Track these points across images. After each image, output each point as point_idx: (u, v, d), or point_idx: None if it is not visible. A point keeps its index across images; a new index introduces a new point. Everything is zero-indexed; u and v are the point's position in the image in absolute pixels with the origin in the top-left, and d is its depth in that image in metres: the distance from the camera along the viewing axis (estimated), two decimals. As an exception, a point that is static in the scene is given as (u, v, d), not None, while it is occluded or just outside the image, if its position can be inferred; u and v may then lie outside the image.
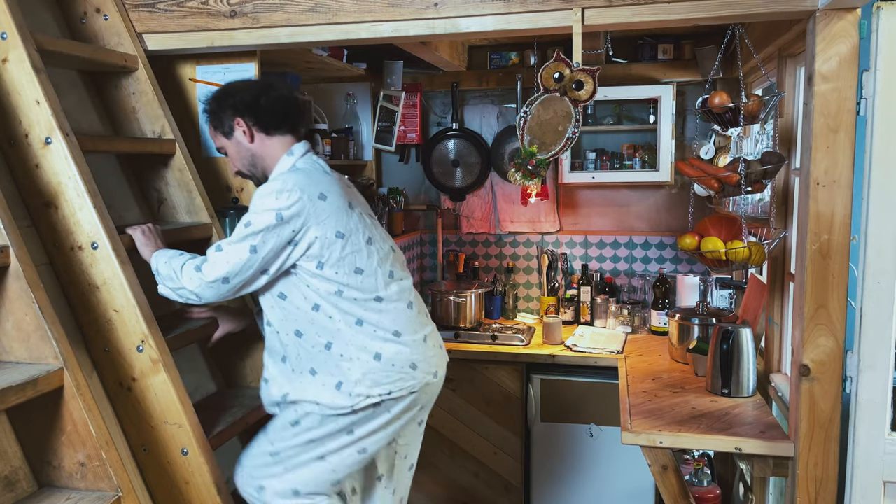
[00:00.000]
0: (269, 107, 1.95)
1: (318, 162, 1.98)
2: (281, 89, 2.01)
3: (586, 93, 2.10)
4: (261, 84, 2.03)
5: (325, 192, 1.85)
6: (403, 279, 2.01)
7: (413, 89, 3.68)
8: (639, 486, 3.10)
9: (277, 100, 1.97)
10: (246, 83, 2.04)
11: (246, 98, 1.95)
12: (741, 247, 2.35)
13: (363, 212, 1.97)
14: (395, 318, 1.93)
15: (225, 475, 1.90)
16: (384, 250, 1.97)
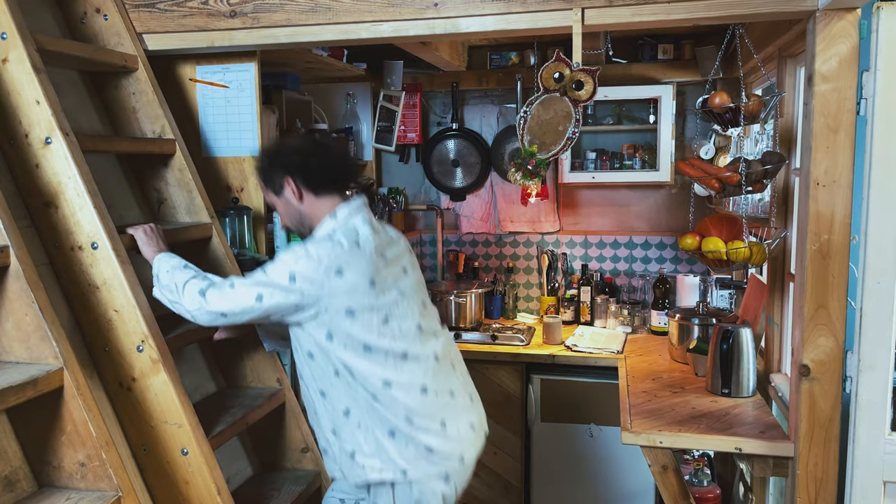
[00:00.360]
0: (319, 169, 1.89)
1: (360, 229, 1.86)
2: (334, 151, 1.98)
3: (586, 93, 2.10)
4: (313, 144, 1.98)
5: (343, 267, 1.77)
6: (421, 358, 1.86)
7: (413, 89, 3.68)
8: (639, 486, 3.10)
9: (329, 162, 1.91)
10: (299, 142, 2.00)
11: (297, 159, 1.90)
12: (742, 247, 2.35)
13: (391, 287, 1.85)
14: (407, 403, 1.82)
15: (225, 475, 1.90)
16: (404, 329, 1.84)
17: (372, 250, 1.83)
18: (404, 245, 2.00)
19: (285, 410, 2.33)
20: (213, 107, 2.49)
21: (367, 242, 1.84)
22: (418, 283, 1.98)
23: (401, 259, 1.93)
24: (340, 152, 2.02)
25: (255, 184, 2.49)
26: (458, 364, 2.01)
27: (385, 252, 1.88)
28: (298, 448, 2.36)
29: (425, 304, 1.97)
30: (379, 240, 1.88)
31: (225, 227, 2.38)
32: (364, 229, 1.87)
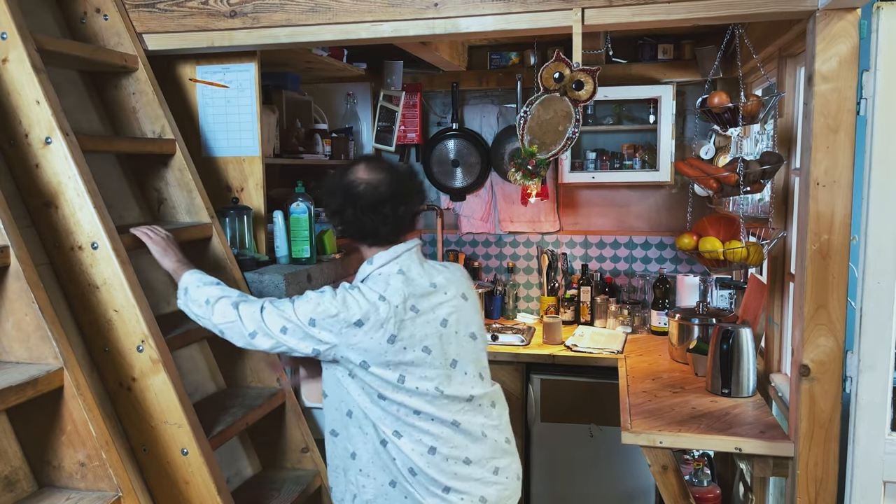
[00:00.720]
0: (351, 220, 1.80)
1: (391, 280, 1.76)
2: (373, 197, 1.77)
3: (586, 93, 2.10)
4: (349, 189, 1.80)
5: (363, 320, 1.71)
6: (436, 419, 1.76)
7: (413, 89, 3.68)
8: (639, 486, 3.10)
9: (365, 212, 1.77)
10: (340, 183, 1.83)
11: (332, 204, 1.84)
12: (739, 247, 2.35)
13: (416, 345, 1.74)
14: (413, 458, 1.75)
15: (225, 475, 1.89)
16: (421, 390, 1.74)
17: (399, 303, 1.72)
18: (453, 292, 1.82)
19: (285, 410, 2.33)
20: (213, 107, 2.49)
21: (395, 294, 1.73)
22: (458, 336, 1.81)
23: (439, 309, 1.78)
24: (384, 197, 1.76)
25: (255, 184, 2.50)
26: (491, 433, 1.84)
27: (418, 304, 1.75)
28: (298, 448, 2.36)
29: (456, 363, 1.79)
30: (411, 290, 1.76)
31: (225, 227, 2.38)
32: (396, 280, 1.76)
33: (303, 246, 2.50)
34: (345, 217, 1.81)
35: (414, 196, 1.83)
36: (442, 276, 1.83)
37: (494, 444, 1.84)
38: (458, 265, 1.96)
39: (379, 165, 1.82)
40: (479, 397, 1.83)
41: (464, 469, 1.78)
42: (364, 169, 1.80)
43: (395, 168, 1.83)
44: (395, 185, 1.78)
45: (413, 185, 1.84)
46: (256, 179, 2.49)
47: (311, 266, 2.50)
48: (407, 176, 1.84)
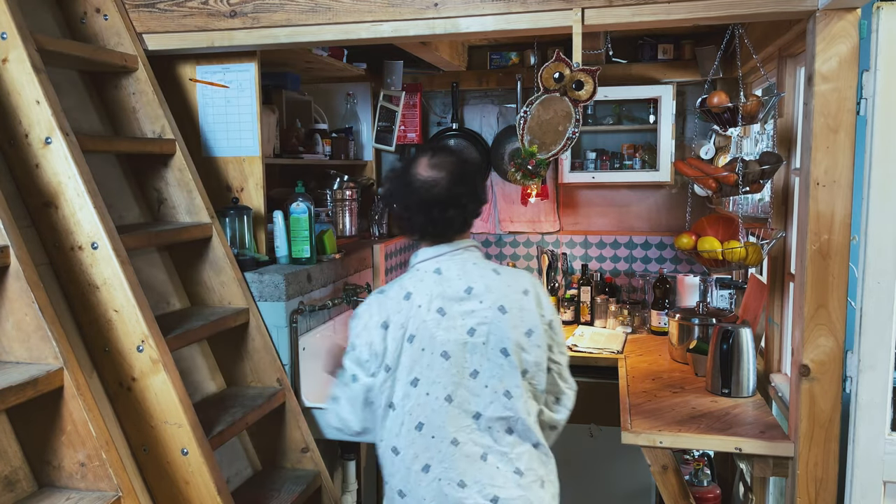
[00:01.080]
0: (400, 214, 1.75)
1: (425, 277, 1.71)
2: (418, 194, 1.69)
3: (586, 93, 2.10)
4: (400, 184, 1.74)
5: (388, 321, 1.69)
6: (436, 436, 1.66)
7: (413, 89, 3.68)
8: (639, 486, 3.10)
9: (412, 212, 1.72)
10: (392, 177, 1.78)
11: (386, 193, 1.79)
12: (737, 247, 2.35)
13: (436, 348, 1.67)
14: (404, 477, 1.70)
15: (225, 475, 1.90)
16: (430, 396, 1.67)
17: (425, 302, 1.67)
18: (489, 302, 1.68)
19: (285, 410, 2.33)
20: (213, 107, 2.49)
21: (420, 293, 1.69)
22: (485, 347, 1.67)
23: (469, 317, 1.68)
24: (438, 199, 1.68)
25: (255, 184, 2.50)
26: (495, 459, 1.68)
27: (447, 306, 1.68)
28: (298, 448, 2.36)
29: (477, 374, 1.67)
30: (441, 290, 1.69)
31: (225, 227, 2.38)
32: (429, 279, 1.71)
33: (303, 246, 2.50)
34: (394, 209, 1.77)
35: (470, 200, 1.72)
36: (483, 283, 1.70)
37: (496, 470, 1.67)
38: (523, 276, 1.76)
39: (441, 162, 1.70)
40: (490, 419, 1.67)
41: (456, 492, 1.66)
42: (425, 164, 1.71)
43: (456, 168, 1.70)
44: (452, 186, 1.68)
45: (471, 189, 1.72)
46: (256, 179, 2.49)
47: (311, 266, 2.50)
48: (468, 177, 1.72)
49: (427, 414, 1.66)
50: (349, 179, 3.15)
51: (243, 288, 2.31)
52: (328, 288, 2.62)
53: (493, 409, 1.67)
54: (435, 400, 1.67)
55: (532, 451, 1.71)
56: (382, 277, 3.10)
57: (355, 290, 2.74)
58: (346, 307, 2.78)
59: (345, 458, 2.66)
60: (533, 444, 1.71)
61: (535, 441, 1.72)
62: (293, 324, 2.36)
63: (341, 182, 3.09)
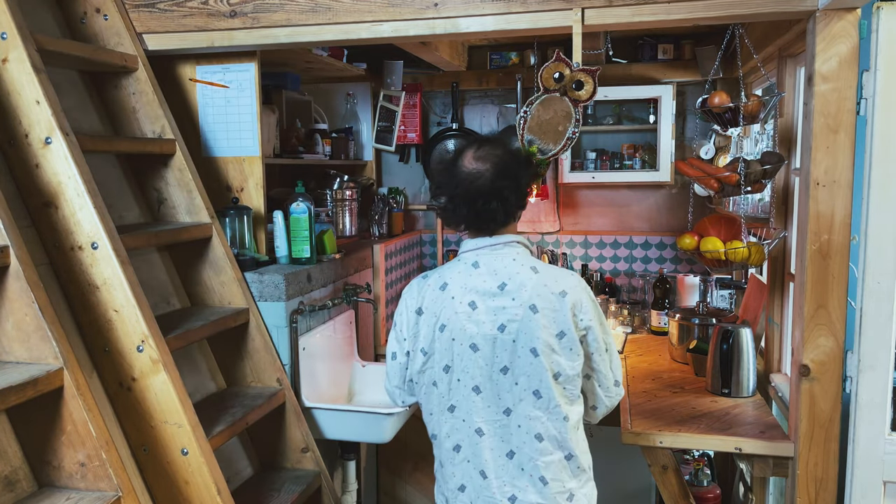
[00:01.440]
0: (445, 205, 1.75)
1: (461, 267, 1.74)
2: (462, 186, 1.70)
3: (586, 93, 2.10)
4: (448, 178, 1.74)
5: (423, 308, 1.74)
6: (466, 420, 1.70)
7: (413, 89, 3.68)
8: (639, 486, 3.10)
9: (448, 202, 1.74)
10: (445, 166, 1.77)
11: (433, 183, 1.83)
12: (740, 247, 2.35)
13: (462, 338, 1.70)
14: (442, 451, 1.77)
15: (225, 475, 1.90)
16: (461, 383, 1.71)
17: (458, 294, 1.70)
18: (522, 300, 1.66)
19: (285, 410, 2.33)
20: (213, 107, 2.49)
21: (455, 284, 1.72)
22: (515, 345, 1.66)
23: (501, 313, 1.67)
24: (481, 191, 1.68)
25: (255, 184, 2.50)
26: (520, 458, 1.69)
27: (479, 301, 1.69)
28: (298, 448, 2.36)
29: (507, 370, 1.67)
30: (476, 283, 1.70)
31: (225, 227, 2.38)
32: (466, 271, 1.72)
33: (303, 246, 2.50)
34: (440, 200, 1.77)
35: (512, 192, 1.70)
36: (517, 281, 1.68)
37: (520, 472, 1.69)
38: (567, 277, 1.71)
39: (487, 154, 1.70)
40: (521, 417, 1.67)
41: (478, 479, 1.70)
42: (471, 156, 1.71)
43: (501, 160, 1.69)
44: (496, 179, 1.67)
45: (514, 182, 1.70)
46: (256, 179, 2.49)
47: (311, 266, 2.50)
48: (512, 169, 1.70)
49: (458, 399, 1.71)
50: (349, 179, 3.15)
51: (243, 288, 2.31)
52: (328, 288, 2.62)
53: (523, 408, 1.67)
54: (464, 387, 1.70)
55: (562, 462, 1.69)
56: (382, 277, 3.11)
57: (355, 290, 2.74)
58: (346, 307, 2.78)
59: (345, 458, 2.66)
60: (565, 455, 1.69)
61: (569, 453, 1.69)
62: (293, 324, 2.36)
63: (341, 182, 3.09)
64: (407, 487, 3.30)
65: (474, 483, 1.71)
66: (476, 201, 1.68)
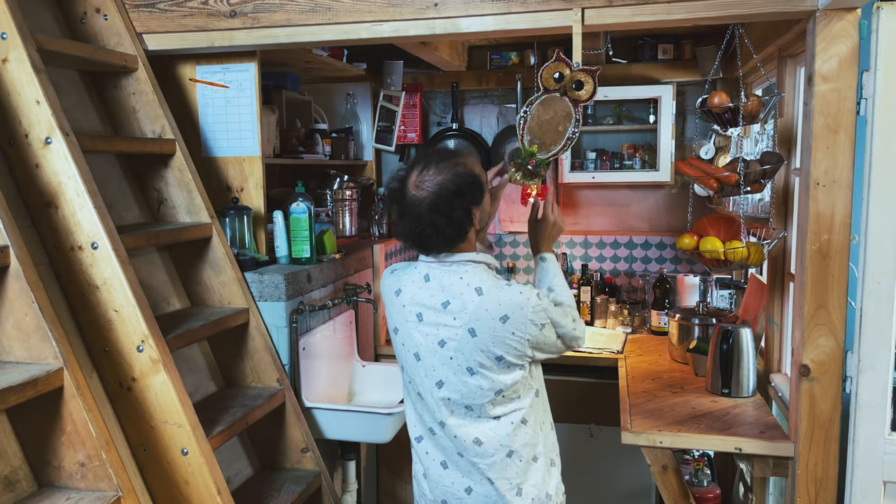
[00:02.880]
0: (393, 221, 1.87)
1: (417, 280, 1.77)
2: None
3: (586, 93, 2.10)
4: (391, 199, 1.76)
5: (386, 304, 1.87)
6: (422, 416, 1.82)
7: (413, 89, 3.68)
8: (639, 486, 3.10)
9: (397, 218, 1.76)
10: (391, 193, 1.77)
11: (386, 198, 1.88)
12: (740, 247, 2.35)
13: (409, 347, 1.78)
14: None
15: (225, 475, 1.90)
16: (411, 384, 1.82)
17: (408, 303, 1.75)
18: (462, 322, 1.67)
19: (285, 410, 2.33)
20: (213, 107, 2.49)
21: (407, 293, 1.77)
22: (452, 361, 1.70)
23: (442, 329, 1.70)
24: (412, 211, 1.68)
25: (255, 184, 2.50)
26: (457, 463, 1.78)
27: (424, 314, 1.73)
28: (298, 448, 2.36)
29: (442, 385, 1.73)
30: (423, 296, 1.73)
31: (225, 227, 2.38)
32: (418, 281, 1.76)
33: (303, 246, 2.50)
34: (392, 215, 1.83)
35: (448, 224, 1.67)
36: (460, 302, 1.68)
37: (468, 470, 1.76)
38: (512, 298, 1.67)
39: (429, 180, 1.67)
40: (455, 427, 1.74)
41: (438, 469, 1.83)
42: (414, 181, 1.69)
43: (442, 187, 1.65)
44: (430, 211, 1.66)
45: (450, 214, 1.66)
46: (256, 179, 2.49)
47: (311, 266, 2.50)
48: (451, 200, 1.66)
49: (412, 398, 1.84)
50: (349, 179, 3.15)
51: (243, 288, 2.31)
52: (328, 288, 2.62)
53: (456, 420, 1.74)
54: (412, 391, 1.82)
55: (504, 461, 1.73)
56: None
57: (355, 290, 2.74)
58: (346, 307, 2.78)
59: (345, 458, 2.66)
60: (506, 454, 1.73)
61: (509, 450, 1.73)
62: (293, 324, 2.36)
63: (341, 182, 3.09)
64: (407, 487, 3.30)
65: (433, 471, 1.82)
66: (414, 227, 1.68)
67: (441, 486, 1.80)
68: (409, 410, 1.87)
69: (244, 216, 2.42)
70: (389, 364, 2.94)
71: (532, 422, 1.76)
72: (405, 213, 1.69)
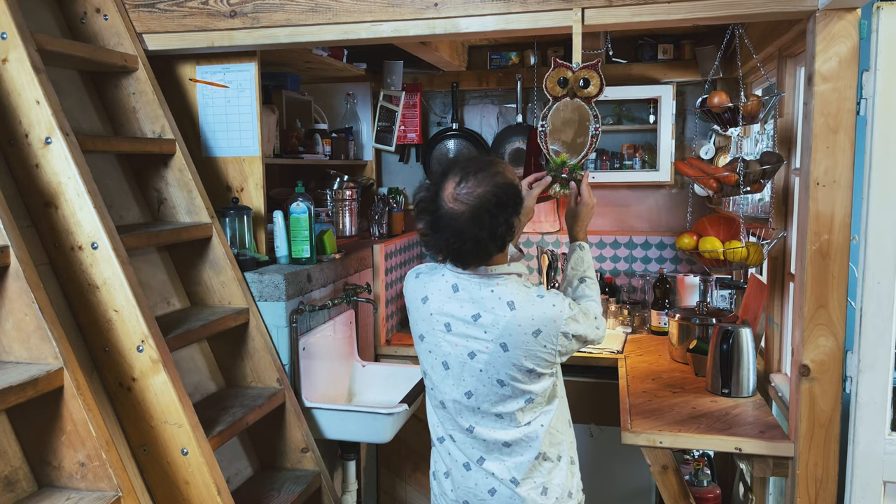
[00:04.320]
0: (423, 232, 1.74)
1: (445, 289, 1.74)
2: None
3: (595, 87, 2.09)
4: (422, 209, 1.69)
5: (410, 309, 1.84)
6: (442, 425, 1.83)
7: (413, 89, 3.68)
8: (639, 486, 3.10)
9: (428, 230, 1.69)
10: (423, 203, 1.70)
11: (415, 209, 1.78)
12: (739, 247, 2.35)
13: (437, 355, 1.76)
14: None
15: (225, 475, 1.90)
16: (433, 391, 1.80)
17: (436, 311, 1.73)
18: (493, 336, 1.64)
19: (285, 410, 2.33)
20: (213, 107, 2.49)
21: (434, 302, 1.73)
22: (482, 374, 1.69)
23: (472, 341, 1.68)
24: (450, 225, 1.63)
25: (255, 184, 2.50)
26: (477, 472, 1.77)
27: (453, 324, 1.70)
28: (298, 448, 2.36)
29: (471, 395, 1.72)
30: (452, 307, 1.70)
31: (225, 227, 2.38)
32: (446, 291, 1.72)
33: (303, 246, 2.50)
34: (420, 223, 1.71)
35: (490, 238, 1.62)
36: (492, 316, 1.65)
37: (491, 473, 1.75)
38: (545, 311, 1.65)
39: (469, 193, 1.61)
40: (483, 431, 1.74)
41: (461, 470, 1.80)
42: (451, 193, 1.63)
43: (482, 199, 1.60)
44: (472, 225, 1.61)
45: (493, 227, 1.61)
46: (256, 179, 2.49)
47: (311, 266, 2.50)
48: (493, 213, 1.60)
49: (434, 402, 1.82)
50: (349, 179, 3.15)
51: (243, 288, 2.31)
52: (328, 288, 2.62)
53: (486, 424, 1.74)
54: (434, 399, 1.80)
55: (531, 462, 1.74)
56: (382, 277, 3.11)
57: (355, 289, 2.74)
58: (346, 307, 2.78)
59: (345, 458, 2.66)
60: (534, 456, 1.74)
61: (537, 453, 1.74)
62: (293, 324, 2.36)
63: (341, 182, 3.09)
64: (407, 487, 3.31)
65: (456, 472, 1.80)
66: (451, 240, 1.62)
67: (464, 487, 1.78)
68: (430, 413, 1.86)
69: (244, 216, 2.42)
70: (389, 364, 2.94)
71: (558, 423, 1.79)
72: (441, 227, 1.62)
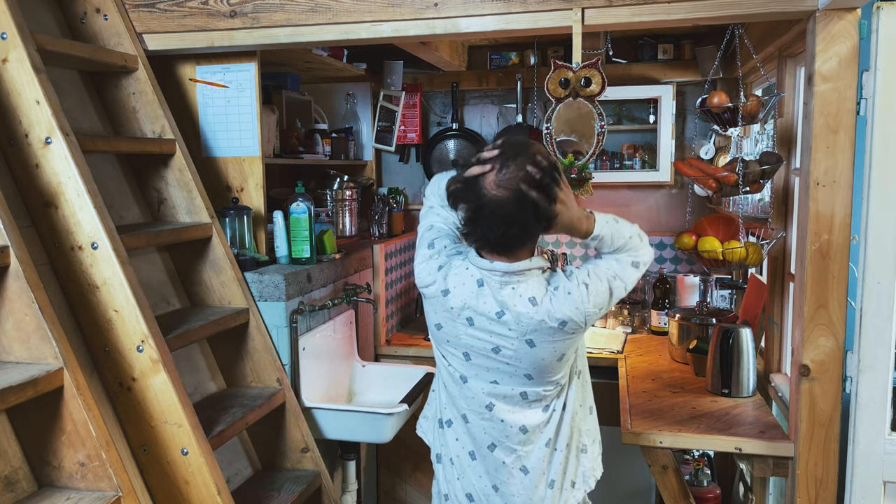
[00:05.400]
0: (463, 222, 1.70)
1: (469, 283, 1.70)
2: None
3: (597, 85, 2.09)
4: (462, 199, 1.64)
5: (426, 294, 1.78)
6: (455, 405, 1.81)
7: (413, 89, 3.68)
8: (639, 486, 3.10)
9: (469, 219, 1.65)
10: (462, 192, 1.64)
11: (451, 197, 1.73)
12: (738, 247, 2.35)
13: (457, 346, 1.74)
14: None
15: (225, 475, 1.90)
16: (452, 369, 1.78)
17: (458, 306, 1.68)
18: (517, 332, 1.63)
19: (285, 410, 2.33)
20: (213, 107, 2.49)
21: (456, 296, 1.68)
22: (510, 366, 1.68)
23: (496, 338, 1.67)
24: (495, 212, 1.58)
25: (255, 184, 2.50)
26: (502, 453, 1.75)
27: (476, 319, 1.67)
28: (298, 448, 2.36)
29: (497, 384, 1.71)
30: (475, 302, 1.66)
31: (225, 227, 2.38)
32: (469, 285, 1.69)
33: (303, 246, 2.50)
34: (458, 213, 1.67)
35: (535, 221, 1.59)
36: (515, 312, 1.63)
37: (502, 465, 1.74)
38: (567, 302, 1.63)
39: (510, 178, 1.57)
40: (503, 411, 1.72)
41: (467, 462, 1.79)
42: (493, 181, 1.58)
43: (524, 186, 1.56)
44: (519, 209, 1.57)
45: (539, 208, 1.58)
46: (256, 179, 2.49)
47: (311, 266, 2.50)
48: (535, 195, 1.57)
49: (451, 378, 1.79)
50: (349, 179, 3.15)
51: (243, 288, 2.31)
52: (328, 288, 2.62)
53: (504, 405, 1.73)
54: (455, 372, 1.76)
55: (543, 450, 1.74)
56: (382, 277, 3.11)
57: (355, 289, 2.74)
58: (346, 307, 2.78)
59: (345, 458, 2.66)
60: (545, 443, 1.74)
61: (547, 440, 1.74)
62: (293, 324, 2.36)
63: (341, 182, 3.09)
64: (407, 487, 3.31)
65: (463, 460, 1.80)
66: (498, 228, 1.58)
67: (466, 478, 1.80)
68: (441, 393, 1.83)
69: (244, 216, 2.42)
70: (389, 364, 2.94)
71: (577, 407, 1.77)
72: (485, 216, 1.58)
